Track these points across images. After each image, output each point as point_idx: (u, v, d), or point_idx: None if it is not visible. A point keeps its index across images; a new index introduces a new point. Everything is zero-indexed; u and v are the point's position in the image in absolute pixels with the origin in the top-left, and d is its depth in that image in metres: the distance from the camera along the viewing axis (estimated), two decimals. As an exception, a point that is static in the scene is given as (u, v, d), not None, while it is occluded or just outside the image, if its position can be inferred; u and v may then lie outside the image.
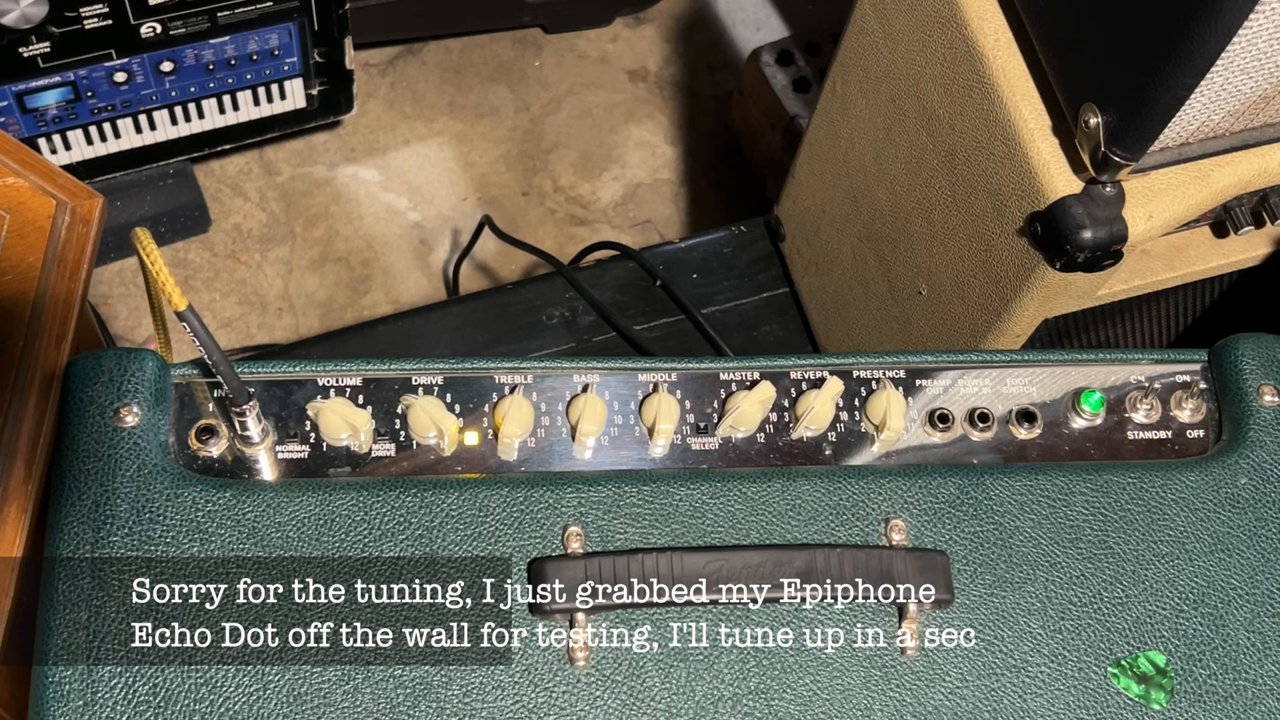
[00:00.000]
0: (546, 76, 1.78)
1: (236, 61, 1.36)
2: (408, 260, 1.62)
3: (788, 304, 1.37)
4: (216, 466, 0.66)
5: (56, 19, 1.21)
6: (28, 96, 1.28)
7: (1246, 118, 0.82)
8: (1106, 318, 1.07)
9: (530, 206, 1.68)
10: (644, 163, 1.73)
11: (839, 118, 1.15)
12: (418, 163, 1.69)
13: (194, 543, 0.63)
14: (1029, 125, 0.87)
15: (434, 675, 0.62)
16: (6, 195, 0.78)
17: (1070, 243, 0.85)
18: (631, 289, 1.33)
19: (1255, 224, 0.94)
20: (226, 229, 1.61)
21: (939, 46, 0.95)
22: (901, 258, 1.10)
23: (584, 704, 0.63)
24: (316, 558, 0.63)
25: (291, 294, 1.59)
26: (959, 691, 0.65)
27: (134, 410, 0.65)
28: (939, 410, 0.72)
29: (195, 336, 0.60)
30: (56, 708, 0.59)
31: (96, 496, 0.63)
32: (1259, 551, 0.68)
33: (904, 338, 1.13)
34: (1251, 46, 0.74)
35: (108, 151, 1.39)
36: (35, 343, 0.72)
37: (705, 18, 1.86)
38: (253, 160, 1.66)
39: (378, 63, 1.75)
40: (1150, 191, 0.86)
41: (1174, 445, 0.72)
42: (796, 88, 1.54)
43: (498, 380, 0.70)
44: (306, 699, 0.61)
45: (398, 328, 1.31)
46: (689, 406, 0.71)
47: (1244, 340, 0.74)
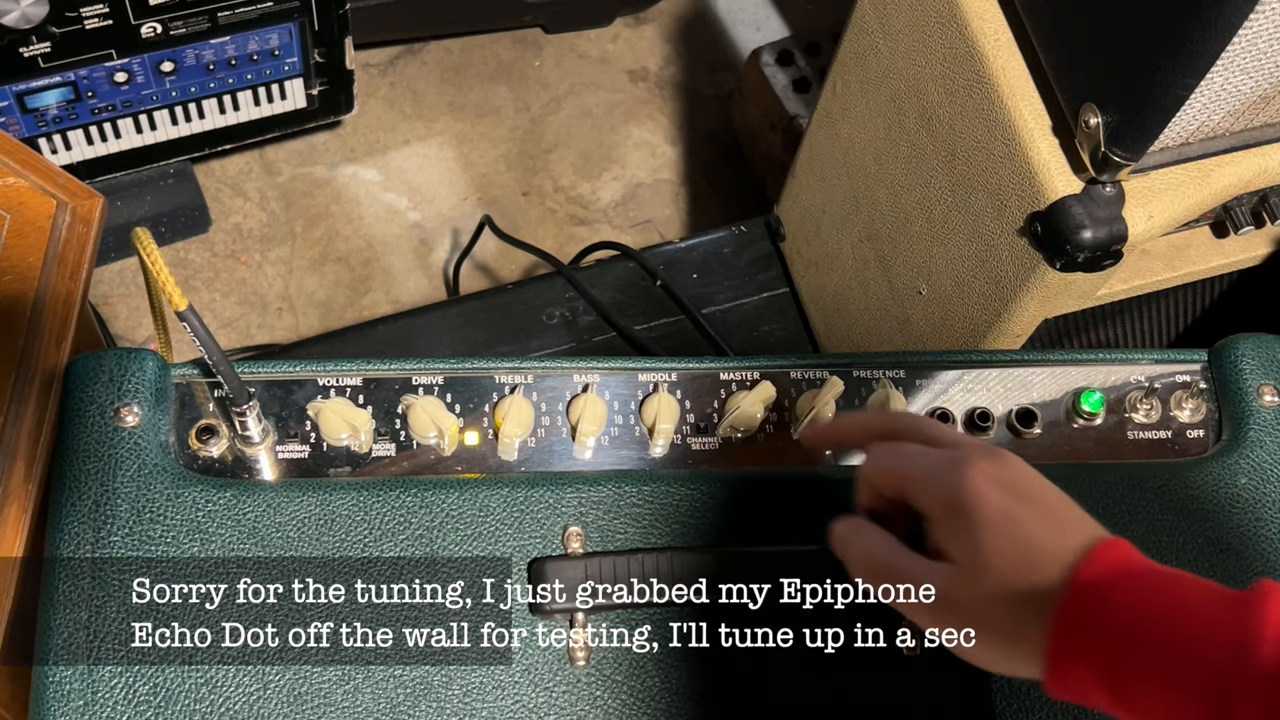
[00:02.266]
0: (546, 76, 1.78)
1: (237, 61, 1.36)
2: (408, 260, 1.62)
3: (788, 304, 1.37)
4: (217, 466, 0.66)
5: (57, 19, 1.21)
6: (28, 96, 1.28)
7: (1246, 118, 0.82)
8: (1106, 318, 1.07)
9: (530, 206, 1.68)
10: (644, 163, 1.73)
11: (839, 118, 1.15)
12: (418, 163, 1.69)
13: (194, 543, 0.63)
14: (1029, 125, 0.87)
15: (434, 675, 0.62)
16: (6, 195, 0.78)
17: (1070, 243, 0.85)
18: (631, 289, 1.33)
19: (1255, 224, 0.94)
20: (226, 229, 1.61)
21: (939, 46, 0.95)
22: (901, 258, 1.10)
23: (584, 704, 0.63)
24: (316, 558, 0.63)
25: (291, 294, 1.59)
26: (960, 692, 0.65)
27: (134, 410, 0.65)
28: (939, 410, 0.72)
29: (195, 336, 0.60)
30: (56, 708, 0.59)
31: (97, 496, 0.63)
32: (1259, 551, 0.68)
33: (904, 338, 1.13)
34: (1252, 46, 0.74)
35: (108, 151, 1.39)
36: (35, 343, 0.72)
37: (705, 18, 1.86)
38: (253, 160, 1.66)
39: (378, 63, 1.75)
40: (1150, 191, 0.86)
41: (1174, 445, 0.72)
42: (796, 88, 1.54)
43: (498, 380, 0.70)
44: (306, 699, 0.61)
45: (398, 328, 1.31)
46: (689, 406, 0.71)
47: (1244, 340, 0.74)
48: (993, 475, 0.56)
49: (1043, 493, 0.57)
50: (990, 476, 0.56)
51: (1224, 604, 0.52)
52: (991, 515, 0.56)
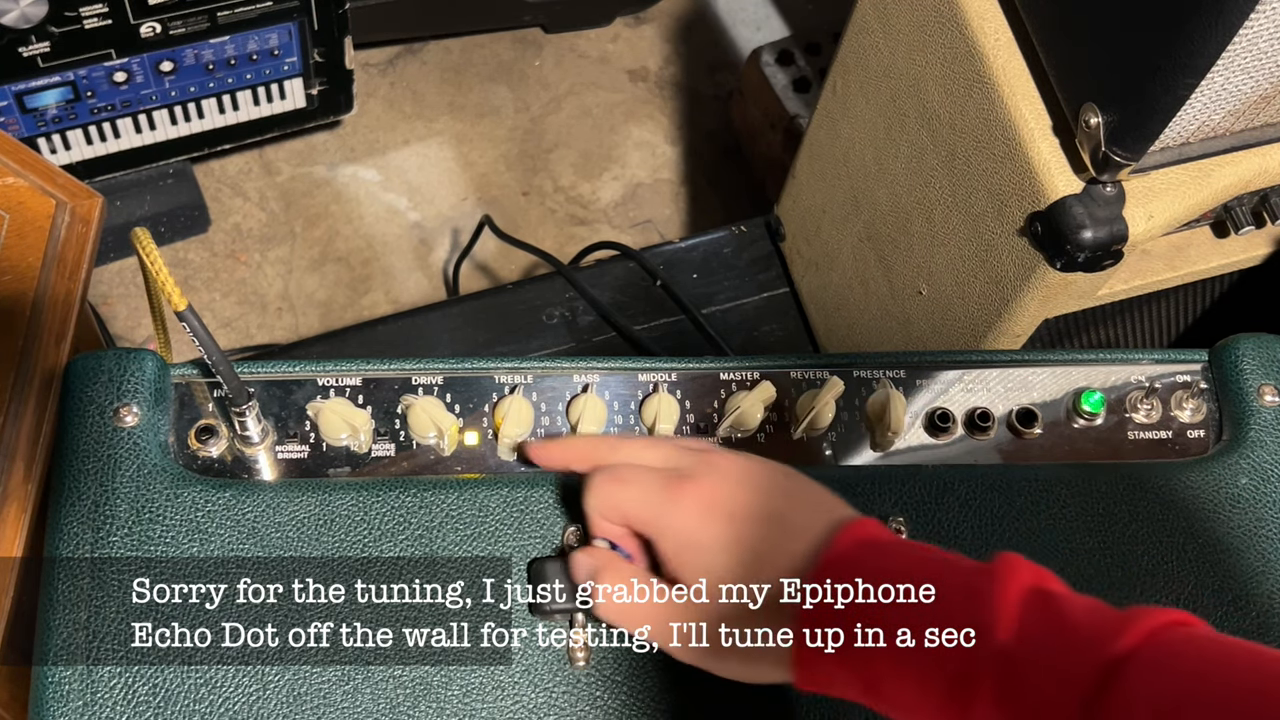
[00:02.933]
0: (546, 76, 1.78)
1: (236, 61, 1.35)
2: (408, 260, 1.62)
3: (788, 304, 1.37)
4: (216, 466, 0.66)
5: (56, 19, 1.21)
6: (28, 96, 1.28)
7: (1247, 117, 0.82)
8: (1106, 318, 1.07)
9: (530, 206, 1.68)
10: (644, 163, 1.73)
11: (839, 118, 1.15)
12: (418, 163, 1.69)
13: (194, 543, 0.63)
14: (1029, 125, 0.87)
15: (434, 675, 0.62)
16: (6, 195, 0.78)
17: (1070, 243, 0.85)
18: (631, 289, 1.33)
19: (1255, 224, 0.94)
20: (226, 229, 1.61)
21: (939, 46, 0.95)
22: (902, 257, 1.10)
23: (584, 704, 0.63)
24: (316, 558, 0.63)
25: (291, 294, 1.59)
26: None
27: (134, 410, 0.65)
28: (939, 410, 0.71)
29: (195, 336, 0.60)
30: (56, 708, 0.59)
31: (96, 496, 0.63)
32: (1259, 551, 0.68)
33: (904, 338, 1.13)
34: (1252, 46, 0.74)
35: (107, 151, 1.38)
36: (35, 343, 0.72)
37: (705, 18, 1.86)
38: (253, 160, 1.66)
39: (378, 63, 1.75)
40: (1150, 191, 0.86)
41: (1174, 445, 0.72)
42: (796, 88, 1.54)
43: (498, 380, 0.70)
44: (306, 699, 0.61)
45: (398, 328, 1.31)
46: (689, 406, 0.71)
47: (1244, 340, 0.74)
48: (706, 502, 0.58)
49: (763, 503, 0.58)
50: (702, 504, 0.58)
51: (963, 579, 0.53)
52: (708, 541, 0.57)
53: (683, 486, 0.58)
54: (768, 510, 0.58)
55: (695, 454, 0.61)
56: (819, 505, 0.59)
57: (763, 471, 0.60)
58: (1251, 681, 0.45)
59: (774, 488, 0.59)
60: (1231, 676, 0.46)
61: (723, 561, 0.57)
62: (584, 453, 0.64)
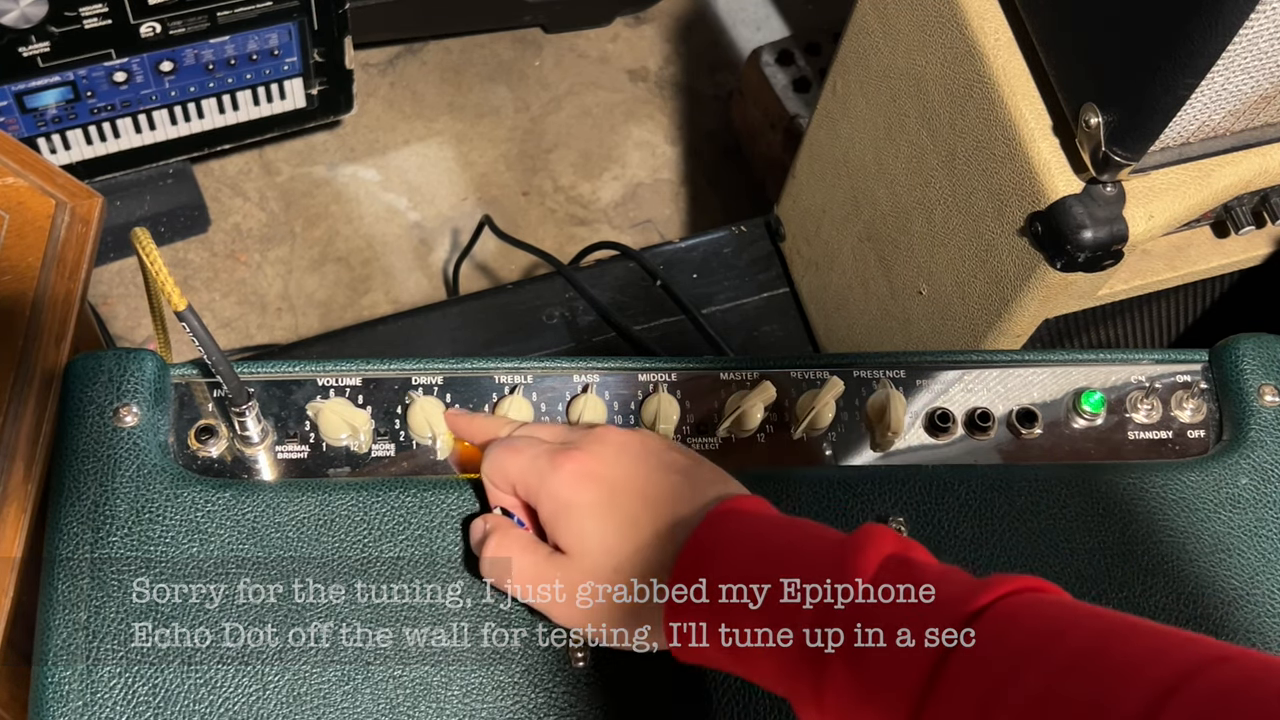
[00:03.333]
0: (546, 76, 1.78)
1: (236, 61, 1.35)
2: (408, 260, 1.62)
3: (788, 304, 1.37)
4: (216, 466, 0.66)
5: (56, 19, 1.21)
6: (27, 96, 1.28)
7: (1247, 117, 0.82)
8: (1107, 318, 1.07)
9: (530, 206, 1.68)
10: (644, 163, 1.73)
11: (839, 118, 1.15)
12: (417, 163, 1.69)
13: (194, 543, 0.63)
14: (1029, 125, 0.87)
15: (434, 675, 0.62)
16: (6, 195, 0.78)
17: (1071, 243, 0.85)
18: (631, 289, 1.33)
19: (1256, 224, 0.94)
20: (226, 229, 1.61)
21: (939, 46, 0.95)
22: (902, 258, 1.10)
23: (584, 704, 0.63)
24: (316, 558, 0.63)
25: (291, 294, 1.59)
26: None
27: (134, 410, 0.65)
28: (939, 410, 0.71)
29: (195, 336, 0.60)
30: (56, 708, 0.59)
31: (96, 496, 0.63)
32: (1259, 551, 0.68)
33: (904, 338, 1.13)
34: (1252, 46, 0.74)
35: (107, 151, 1.38)
36: (35, 343, 0.72)
37: (705, 18, 1.86)
38: (252, 160, 1.66)
39: (378, 63, 1.75)
40: (1151, 191, 0.86)
41: (1174, 445, 0.72)
42: (796, 88, 1.54)
43: (498, 380, 0.70)
44: (306, 699, 0.61)
45: (398, 328, 1.31)
46: (689, 407, 0.71)
47: (1244, 340, 0.74)
48: (584, 470, 0.59)
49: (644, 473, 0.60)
50: (582, 471, 0.59)
51: (826, 547, 0.54)
52: (583, 506, 0.59)
53: (566, 453, 0.60)
54: (645, 480, 0.60)
55: (586, 430, 0.63)
56: (700, 479, 0.61)
57: (648, 443, 0.62)
58: (1094, 644, 0.46)
59: (655, 459, 0.61)
60: (1076, 637, 0.47)
61: (596, 527, 0.59)
62: (485, 427, 0.66)
